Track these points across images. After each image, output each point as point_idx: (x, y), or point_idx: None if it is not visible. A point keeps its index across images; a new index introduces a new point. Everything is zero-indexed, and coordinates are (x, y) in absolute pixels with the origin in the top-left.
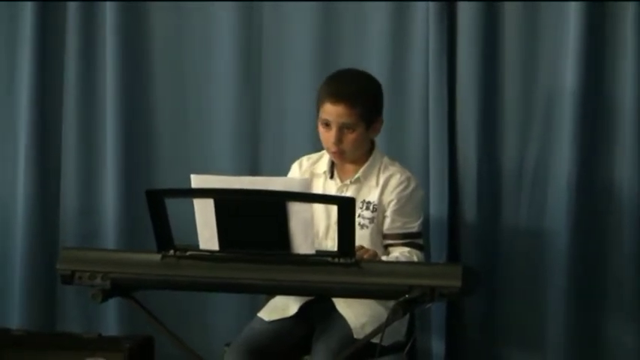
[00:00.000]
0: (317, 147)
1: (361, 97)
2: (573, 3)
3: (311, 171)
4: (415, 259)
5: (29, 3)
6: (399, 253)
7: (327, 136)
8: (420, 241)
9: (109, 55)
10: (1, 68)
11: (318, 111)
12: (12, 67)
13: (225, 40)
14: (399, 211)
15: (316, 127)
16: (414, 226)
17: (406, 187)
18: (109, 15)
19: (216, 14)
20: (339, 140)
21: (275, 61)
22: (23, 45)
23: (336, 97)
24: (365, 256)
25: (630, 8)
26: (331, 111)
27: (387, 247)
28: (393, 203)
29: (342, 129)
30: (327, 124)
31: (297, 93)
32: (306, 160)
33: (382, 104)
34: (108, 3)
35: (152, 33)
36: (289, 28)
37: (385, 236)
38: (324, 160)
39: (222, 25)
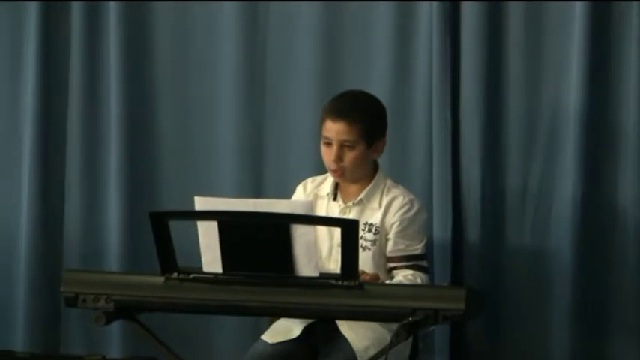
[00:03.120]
0: (320, 168)
1: (362, 115)
2: (578, 3)
3: (315, 193)
4: (419, 281)
5: (33, 3)
6: (402, 276)
7: (328, 154)
8: (425, 263)
9: (113, 65)
10: (4, 73)
11: (320, 130)
12: (17, 69)
13: (228, 59)
14: (401, 234)
15: (320, 148)
16: (418, 248)
17: (409, 210)
18: (112, 16)
19: (220, 29)
20: (339, 158)
21: (279, 76)
22: (28, 46)
23: (337, 114)
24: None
25: (635, 8)
26: (332, 128)
27: (391, 270)
28: (395, 225)
29: (342, 147)
30: (328, 143)
31: (301, 113)
32: (310, 182)
33: (385, 125)
34: (112, 3)
35: (156, 43)
36: (294, 30)
37: (389, 259)
38: (328, 182)
39: (225, 43)
